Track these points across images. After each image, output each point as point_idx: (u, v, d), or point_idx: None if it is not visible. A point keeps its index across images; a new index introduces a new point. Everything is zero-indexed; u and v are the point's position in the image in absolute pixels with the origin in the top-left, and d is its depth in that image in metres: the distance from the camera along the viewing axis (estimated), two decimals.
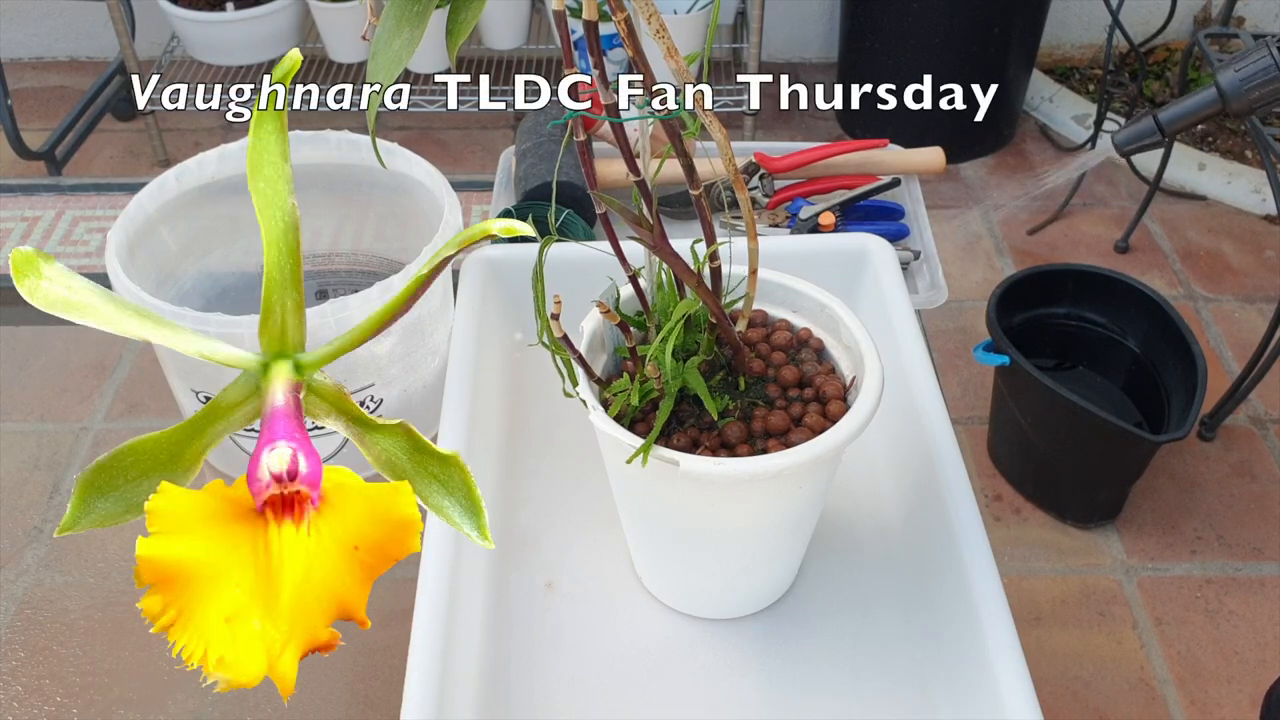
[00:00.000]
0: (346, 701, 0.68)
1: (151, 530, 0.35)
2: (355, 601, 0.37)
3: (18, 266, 0.36)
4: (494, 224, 0.37)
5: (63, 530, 0.38)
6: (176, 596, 0.35)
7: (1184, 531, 1.51)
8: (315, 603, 0.36)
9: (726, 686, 0.62)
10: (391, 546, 0.37)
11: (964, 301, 1.88)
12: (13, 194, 1.04)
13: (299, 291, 0.40)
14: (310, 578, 0.36)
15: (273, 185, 0.38)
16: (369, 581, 0.37)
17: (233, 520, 0.36)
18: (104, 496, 0.39)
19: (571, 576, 0.67)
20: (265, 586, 0.36)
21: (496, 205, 0.95)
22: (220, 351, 0.39)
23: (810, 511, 0.62)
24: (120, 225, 0.74)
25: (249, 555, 0.36)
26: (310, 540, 0.36)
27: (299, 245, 0.39)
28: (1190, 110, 0.77)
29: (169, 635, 0.35)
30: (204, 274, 0.83)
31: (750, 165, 0.97)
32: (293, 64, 0.38)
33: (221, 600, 0.35)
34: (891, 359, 0.70)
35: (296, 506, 0.36)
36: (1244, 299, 1.90)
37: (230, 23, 2.08)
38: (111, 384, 0.88)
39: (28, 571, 0.76)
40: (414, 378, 0.76)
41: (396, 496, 0.37)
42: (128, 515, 0.39)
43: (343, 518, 0.37)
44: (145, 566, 0.34)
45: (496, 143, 2.30)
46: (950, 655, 0.60)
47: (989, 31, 2.09)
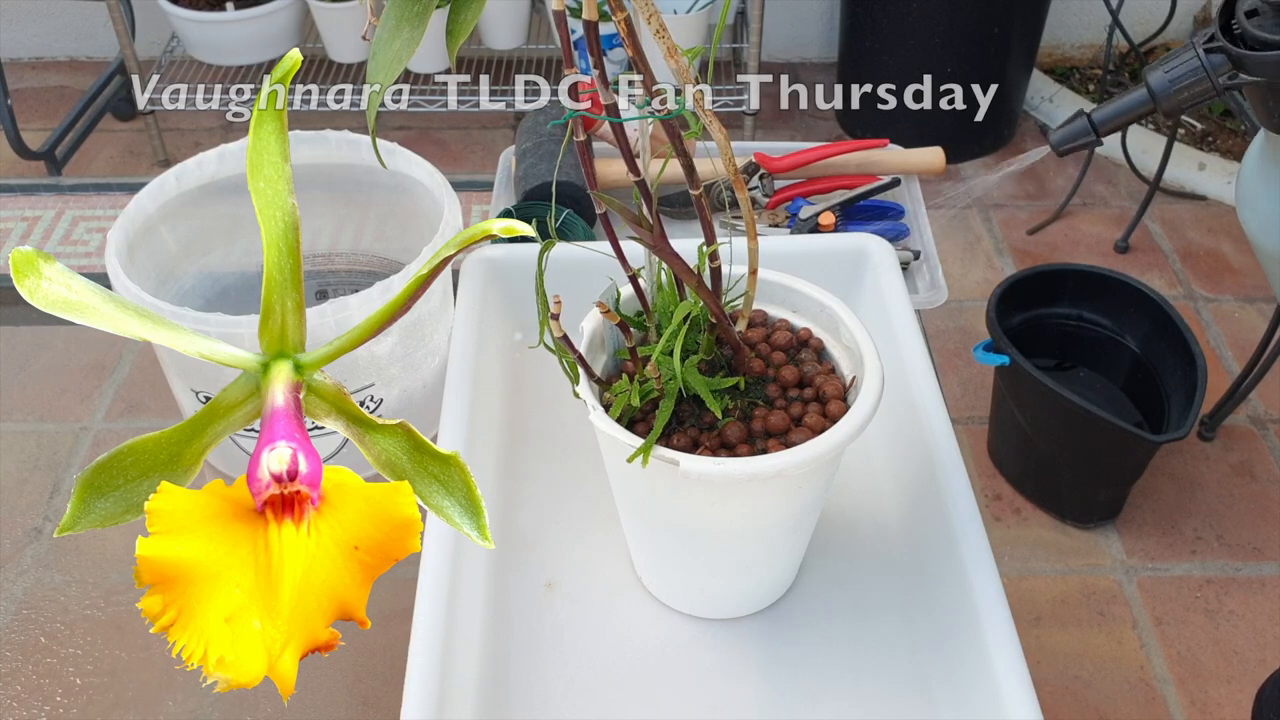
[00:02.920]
0: (346, 701, 0.68)
1: (151, 530, 0.35)
2: (355, 601, 0.37)
3: (18, 266, 0.36)
4: (494, 224, 0.37)
5: (63, 530, 0.38)
6: (176, 596, 0.35)
7: (1184, 531, 1.51)
8: (315, 603, 0.36)
9: (726, 686, 0.62)
10: (391, 546, 0.37)
11: (964, 301, 1.88)
12: (13, 194, 1.04)
13: (299, 291, 0.40)
14: (310, 578, 0.36)
15: (273, 185, 0.38)
16: (369, 581, 0.37)
17: (233, 520, 0.36)
18: (104, 496, 0.39)
19: (571, 576, 0.67)
20: (265, 586, 0.36)
21: (496, 205, 0.95)
22: (220, 351, 0.39)
23: (810, 511, 0.62)
24: (120, 225, 0.74)
25: (249, 555, 0.36)
26: (310, 540, 0.36)
27: (299, 245, 0.39)
28: (1122, 110, 0.78)
29: (169, 635, 0.35)
30: (204, 274, 0.83)
31: (750, 165, 0.97)
32: (293, 64, 0.38)
33: (221, 600, 0.35)
34: (891, 359, 0.70)
35: (296, 506, 0.36)
36: (1244, 299, 1.90)
37: (230, 23, 2.08)
38: (111, 384, 0.88)
39: (27, 571, 0.76)
40: (414, 378, 0.76)
41: (396, 496, 0.37)
42: (128, 515, 0.39)
43: (343, 518, 0.37)
44: (145, 566, 0.34)
45: (496, 143, 2.30)
46: (950, 655, 0.60)
47: (989, 31, 2.09)
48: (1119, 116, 0.79)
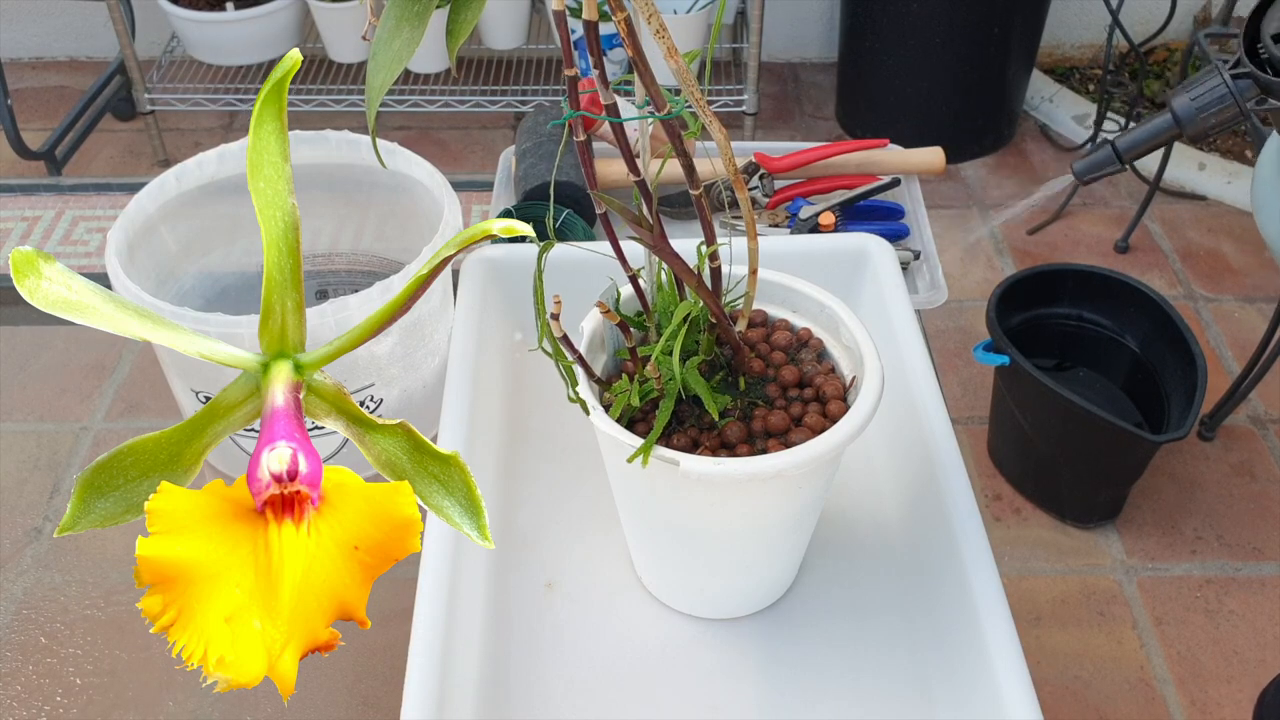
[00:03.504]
0: (346, 701, 0.68)
1: (151, 530, 0.35)
2: (355, 601, 0.37)
3: (18, 266, 0.36)
4: (494, 224, 0.37)
5: (62, 530, 0.38)
6: (176, 596, 0.35)
7: (1184, 531, 1.51)
8: (315, 603, 0.36)
9: (726, 686, 0.62)
10: (392, 546, 0.37)
11: (964, 301, 1.88)
12: (13, 194, 1.04)
13: (299, 291, 0.40)
14: (310, 578, 0.36)
15: (273, 185, 0.38)
16: (369, 581, 0.37)
17: (233, 520, 0.36)
18: (104, 496, 0.39)
19: (571, 576, 0.67)
20: (265, 586, 0.36)
21: (496, 205, 0.95)
22: (220, 351, 0.39)
23: (810, 511, 0.62)
24: (120, 225, 0.74)
25: (249, 555, 0.36)
26: (310, 540, 0.36)
27: (299, 245, 0.39)
28: (1147, 137, 0.78)
29: (169, 635, 0.35)
30: (204, 274, 0.83)
31: (750, 165, 0.97)
32: (293, 64, 0.38)
33: (221, 600, 0.35)
34: (891, 359, 0.70)
35: (296, 506, 0.36)
36: (1244, 299, 1.90)
37: (230, 23, 2.08)
38: (111, 384, 0.88)
39: (27, 571, 0.76)
40: (414, 378, 0.76)
41: (397, 496, 0.37)
42: (128, 515, 0.39)
43: (343, 518, 0.37)
44: (145, 566, 0.34)
45: (496, 143, 2.30)
46: (950, 655, 0.60)
47: (989, 31, 2.09)
48: (1143, 143, 0.79)
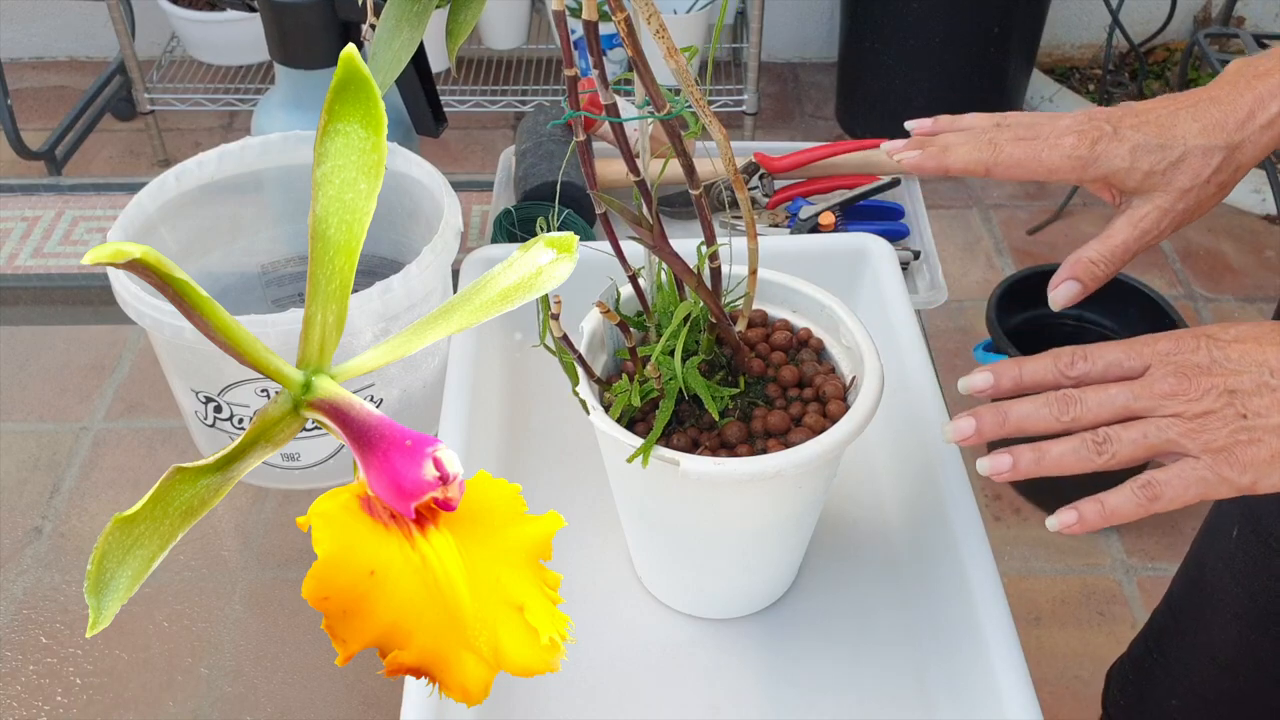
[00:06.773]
0: (347, 701, 0.68)
1: (320, 541, 0.32)
2: (528, 597, 0.35)
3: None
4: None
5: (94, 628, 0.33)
6: (369, 625, 0.32)
7: (1184, 531, 1.51)
8: (493, 602, 0.34)
9: (726, 686, 0.62)
10: (523, 539, 0.36)
11: (964, 301, 1.88)
12: (13, 194, 1.04)
13: (344, 304, 0.37)
14: (476, 580, 0.34)
15: (353, 186, 0.36)
16: (535, 576, 0.36)
17: (379, 527, 0.34)
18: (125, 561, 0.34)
19: (571, 576, 0.67)
20: (436, 598, 0.33)
21: (496, 205, 0.95)
22: (274, 363, 0.36)
23: (810, 511, 0.62)
24: (120, 225, 0.74)
25: (405, 566, 0.33)
26: (459, 542, 0.34)
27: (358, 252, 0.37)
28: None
29: (399, 663, 0.32)
30: (204, 274, 0.83)
31: (750, 165, 0.97)
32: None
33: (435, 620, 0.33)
34: (891, 359, 0.70)
35: (431, 512, 0.34)
36: (1244, 299, 1.90)
37: (230, 23, 2.08)
38: (111, 384, 0.88)
39: (27, 571, 0.76)
40: (414, 377, 0.76)
41: (504, 490, 0.36)
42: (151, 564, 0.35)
43: (476, 517, 0.35)
44: (323, 587, 0.31)
45: (496, 143, 2.30)
46: (950, 655, 0.61)
47: (989, 31, 2.09)
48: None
